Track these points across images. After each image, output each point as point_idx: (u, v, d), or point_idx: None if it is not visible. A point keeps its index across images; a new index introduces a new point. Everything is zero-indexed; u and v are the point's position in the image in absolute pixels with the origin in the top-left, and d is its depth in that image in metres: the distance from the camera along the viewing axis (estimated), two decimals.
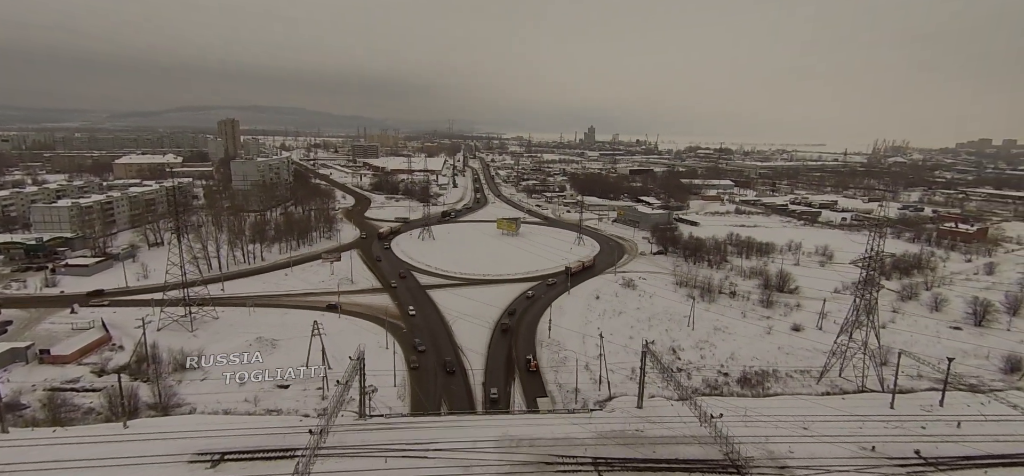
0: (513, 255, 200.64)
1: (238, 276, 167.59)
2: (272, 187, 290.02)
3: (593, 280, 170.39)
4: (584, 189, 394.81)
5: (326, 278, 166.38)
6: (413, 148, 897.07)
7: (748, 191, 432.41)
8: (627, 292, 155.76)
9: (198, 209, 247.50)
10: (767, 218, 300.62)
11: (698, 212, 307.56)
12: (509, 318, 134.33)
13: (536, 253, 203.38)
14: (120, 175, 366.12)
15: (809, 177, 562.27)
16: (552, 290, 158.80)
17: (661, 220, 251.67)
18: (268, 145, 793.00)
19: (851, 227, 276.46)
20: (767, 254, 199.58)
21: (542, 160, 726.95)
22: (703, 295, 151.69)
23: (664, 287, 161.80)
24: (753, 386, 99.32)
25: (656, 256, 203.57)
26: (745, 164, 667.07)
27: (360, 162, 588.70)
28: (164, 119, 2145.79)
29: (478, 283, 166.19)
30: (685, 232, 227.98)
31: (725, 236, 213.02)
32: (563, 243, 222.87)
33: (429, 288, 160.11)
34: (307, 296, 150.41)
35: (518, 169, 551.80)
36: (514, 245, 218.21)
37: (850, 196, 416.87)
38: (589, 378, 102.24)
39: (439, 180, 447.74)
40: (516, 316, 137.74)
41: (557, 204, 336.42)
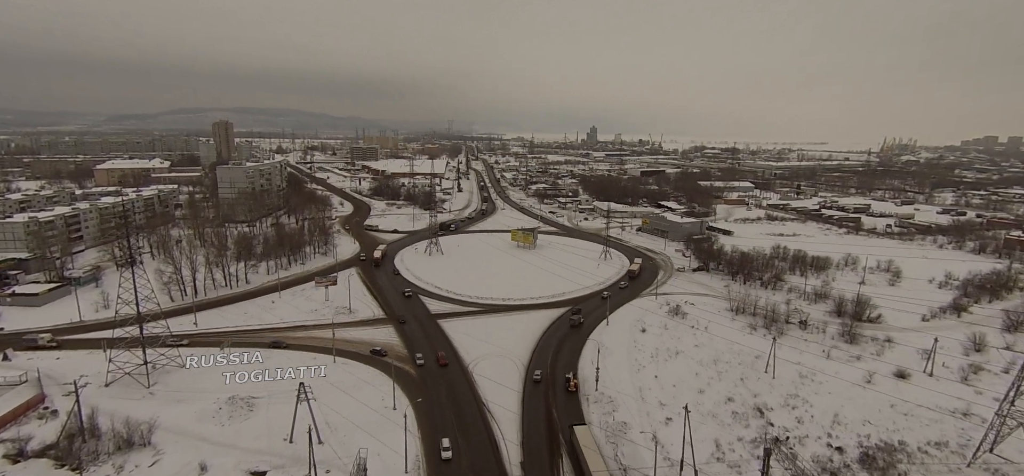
0: (532, 273, 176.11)
1: (216, 304, 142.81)
2: (263, 195, 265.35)
3: (632, 304, 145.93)
4: (597, 192, 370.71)
5: (320, 305, 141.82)
6: (413, 150, 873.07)
7: (769, 194, 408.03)
8: (677, 323, 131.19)
9: (180, 220, 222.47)
10: (803, 225, 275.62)
11: (727, 219, 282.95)
12: (541, 364, 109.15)
13: (559, 270, 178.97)
14: (102, 182, 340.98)
15: (828, 178, 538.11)
16: (586, 315, 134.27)
17: (693, 229, 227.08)
18: (263, 148, 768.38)
19: (901, 235, 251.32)
20: (823, 270, 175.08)
21: (547, 162, 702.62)
22: (768, 326, 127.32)
23: (719, 315, 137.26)
24: (882, 469, 74.80)
25: (696, 274, 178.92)
26: (759, 164, 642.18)
27: (359, 165, 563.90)
28: (160, 122, 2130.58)
29: (497, 310, 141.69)
30: (721, 242, 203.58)
31: (770, 248, 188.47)
32: (586, 257, 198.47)
33: (440, 317, 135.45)
34: (297, 330, 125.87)
35: (525, 172, 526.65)
36: (532, 260, 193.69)
37: (880, 199, 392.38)
38: (663, 457, 77.60)
39: (442, 184, 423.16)
40: (550, 356, 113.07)
41: (572, 210, 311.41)
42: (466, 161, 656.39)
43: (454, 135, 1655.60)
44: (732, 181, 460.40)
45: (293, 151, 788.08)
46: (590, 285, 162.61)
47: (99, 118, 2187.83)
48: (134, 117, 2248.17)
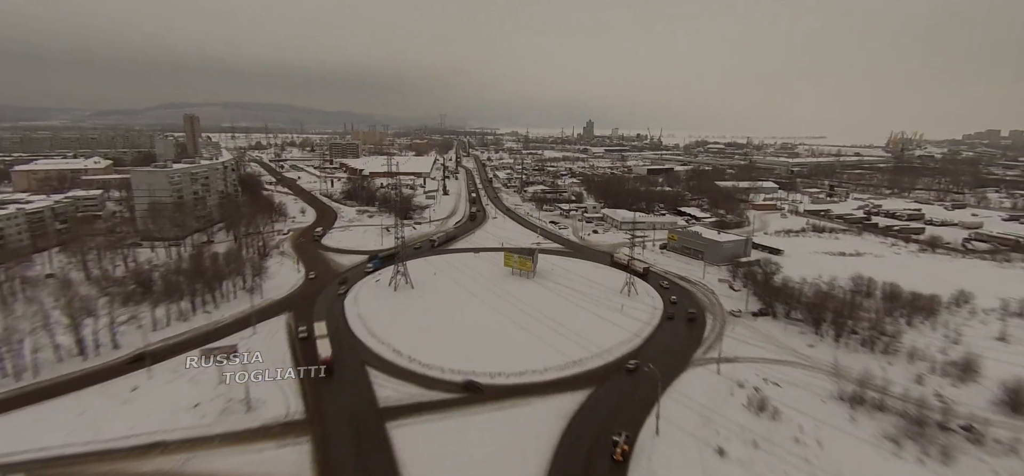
0: (532, 319, 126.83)
1: (38, 397, 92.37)
2: (198, 204, 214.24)
3: (686, 381, 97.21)
4: (603, 195, 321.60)
5: (209, 391, 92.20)
6: (401, 146, 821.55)
7: (797, 195, 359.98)
8: (767, 427, 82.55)
9: (64, 242, 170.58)
10: (859, 239, 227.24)
11: (765, 230, 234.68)
12: None
13: (568, 314, 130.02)
14: (20, 185, 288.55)
15: (852, 175, 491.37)
16: (619, 408, 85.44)
17: (737, 250, 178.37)
18: (237, 143, 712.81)
19: (991, 252, 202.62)
20: (932, 313, 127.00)
21: (543, 159, 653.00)
22: (913, 437, 79.15)
23: (825, 409, 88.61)
24: None
25: (758, 319, 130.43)
26: (769, 160, 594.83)
27: (337, 163, 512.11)
28: (147, 117, 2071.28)
29: (482, 400, 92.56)
30: (777, 267, 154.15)
31: (845, 278, 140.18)
32: (603, 289, 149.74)
33: (391, 416, 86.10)
34: (146, 454, 76.29)
35: (520, 171, 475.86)
36: (531, 296, 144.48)
37: (925, 201, 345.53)
38: None
39: (426, 186, 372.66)
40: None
41: (578, 220, 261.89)
42: (456, 158, 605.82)
43: (446, 130, 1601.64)
44: (750, 180, 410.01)
45: (269, 147, 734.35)
46: (615, 344, 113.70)
47: (84, 113, 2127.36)
48: (119, 113, 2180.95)
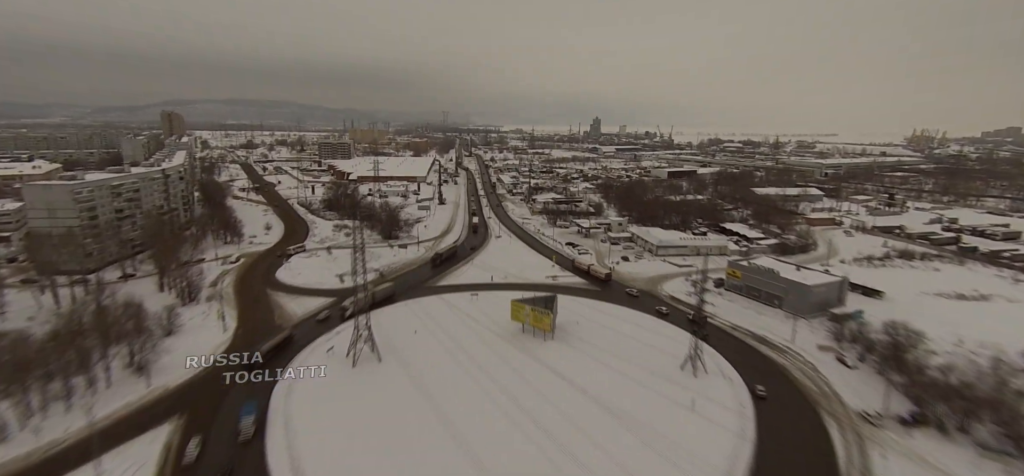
0: (564, 425, 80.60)
1: None
2: (119, 227, 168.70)
3: None
4: (626, 206, 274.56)
5: None
6: (400, 145, 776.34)
7: (848, 205, 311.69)
8: None
9: None
10: (962, 268, 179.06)
11: (840, 259, 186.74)
12: None
13: (611, 420, 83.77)
14: None
15: (893, 179, 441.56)
16: None
17: (830, 295, 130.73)
18: (230, 142, 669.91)
19: None
20: None
21: (550, 159, 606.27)
22: None
23: None
24: None
25: (912, 431, 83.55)
26: (805, 162, 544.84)
27: (325, 164, 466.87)
28: (147, 114, 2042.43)
29: None
30: (897, 327, 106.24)
31: (989, 348, 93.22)
32: (654, 364, 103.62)
33: None
34: None
35: (527, 174, 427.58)
36: (548, 383, 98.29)
37: (996, 210, 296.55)
38: None
39: (421, 193, 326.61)
40: None
41: (601, 241, 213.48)
42: (457, 160, 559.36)
43: (449, 127, 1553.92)
44: (784, 185, 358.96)
45: (258, 147, 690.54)
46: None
47: (86, 109, 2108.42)
48: (119, 109, 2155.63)
